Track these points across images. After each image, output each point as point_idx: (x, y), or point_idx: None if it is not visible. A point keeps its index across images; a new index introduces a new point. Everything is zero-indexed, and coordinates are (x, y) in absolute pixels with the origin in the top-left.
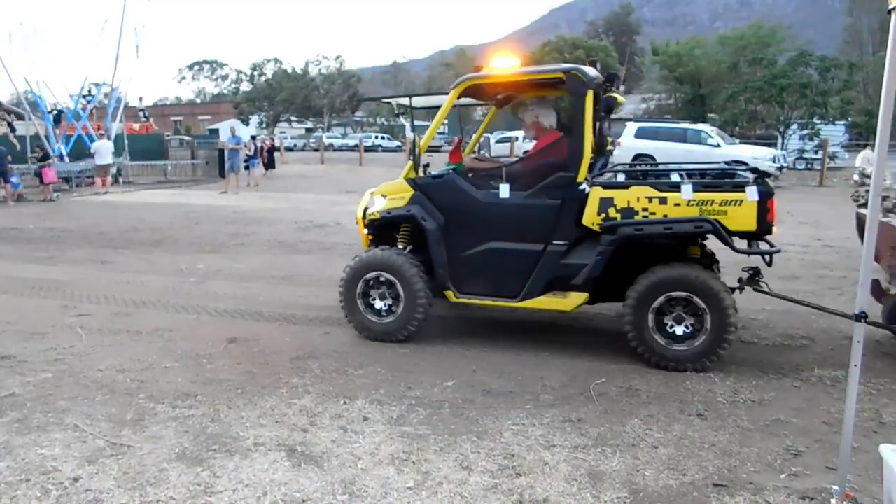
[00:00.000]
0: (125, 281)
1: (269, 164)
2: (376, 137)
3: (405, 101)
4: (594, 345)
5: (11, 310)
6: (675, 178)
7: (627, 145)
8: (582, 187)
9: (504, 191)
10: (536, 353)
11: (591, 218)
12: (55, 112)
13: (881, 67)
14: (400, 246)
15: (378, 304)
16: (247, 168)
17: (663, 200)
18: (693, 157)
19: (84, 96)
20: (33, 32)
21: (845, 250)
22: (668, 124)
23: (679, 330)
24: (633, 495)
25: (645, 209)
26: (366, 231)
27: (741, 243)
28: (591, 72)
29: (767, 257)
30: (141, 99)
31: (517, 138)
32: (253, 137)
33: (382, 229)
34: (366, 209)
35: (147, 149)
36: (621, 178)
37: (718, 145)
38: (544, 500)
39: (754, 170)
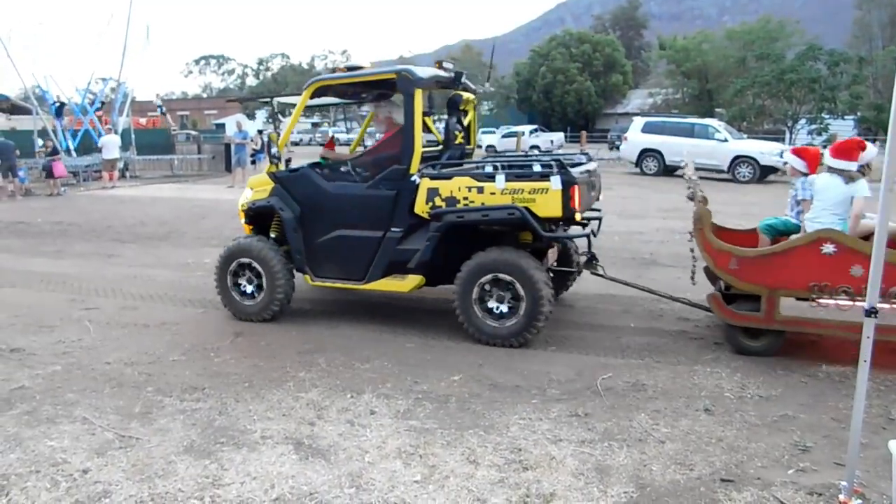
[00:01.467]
0: (132, 275)
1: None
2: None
3: (285, 99)
4: (601, 340)
5: (20, 303)
6: (489, 169)
7: (634, 140)
8: (413, 179)
9: (351, 182)
10: (543, 347)
11: (421, 207)
12: (58, 104)
13: (891, 62)
14: (273, 234)
15: (246, 288)
16: (253, 162)
17: (480, 190)
18: (700, 152)
19: (91, 93)
20: (39, 28)
21: None
22: (675, 119)
23: (500, 308)
24: (639, 490)
25: (465, 198)
26: (244, 221)
27: (587, 228)
28: (422, 72)
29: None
30: (158, 95)
31: (523, 133)
32: (259, 132)
33: (258, 219)
34: None
35: (154, 143)
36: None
37: (726, 140)
38: (551, 495)
39: (558, 161)
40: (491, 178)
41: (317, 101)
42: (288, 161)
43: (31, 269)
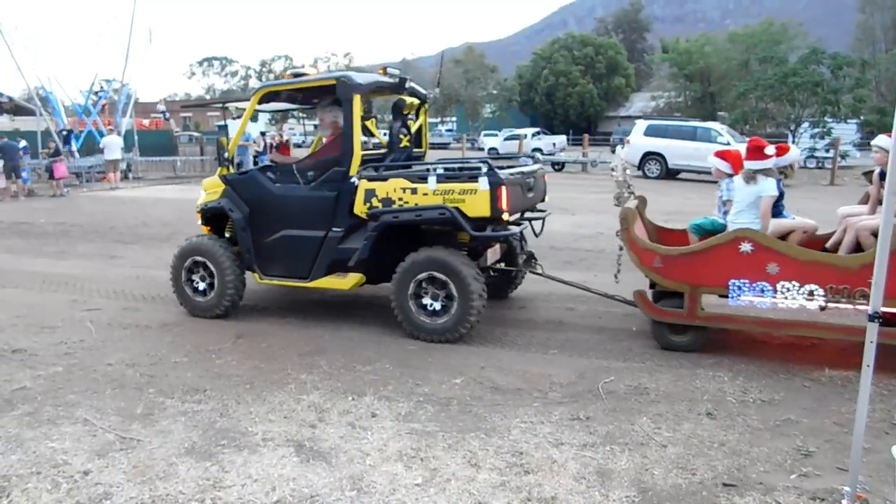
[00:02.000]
0: (134, 276)
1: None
2: (385, 134)
3: (241, 104)
4: (603, 343)
5: (22, 304)
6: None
7: (637, 143)
8: (352, 180)
9: (294, 184)
10: (544, 350)
11: (359, 207)
12: (65, 133)
13: (894, 65)
14: (227, 234)
15: (199, 285)
16: (255, 164)
17: (414, 191)
18: (703, 156)
19: (95, 93)
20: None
21: None
22: (678, 122)
23: (433, 306)
24: (641, 494)
25: (400, 199)
26: (200, 222)
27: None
28: (360, 78)
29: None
30: (163, 99)
31: (525, 136)
32: (262, 133)
33: (214, 220)
34: None
35: (156, 144)
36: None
37: (728, 143)
38: (552, 499)
39: (486, 163)
40: (424, 179)
41: (268, 105)
42: (239, 164)
43: (33, 270)
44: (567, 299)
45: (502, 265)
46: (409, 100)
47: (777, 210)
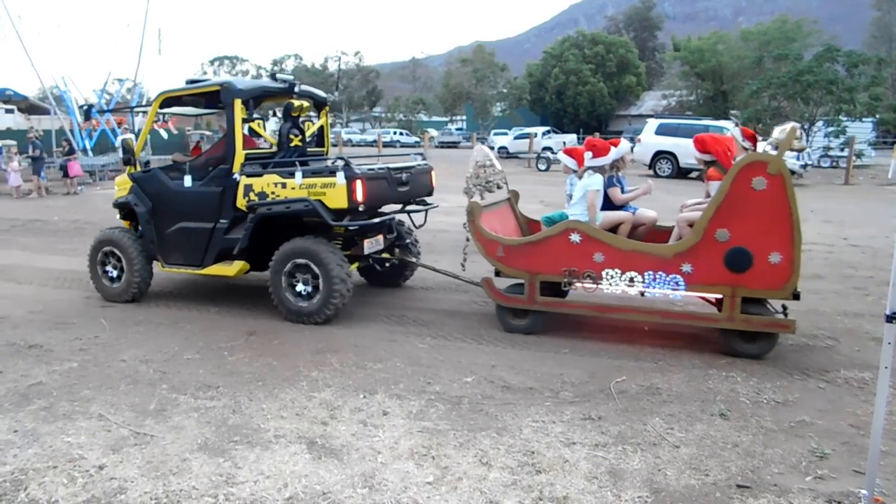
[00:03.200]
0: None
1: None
2: (395, 133)
3: (142, 109)
4: (614, 342)
5: (38, 300)
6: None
7: (648, 142)
8: (234, 177)
9: (188, 181)
10: (556, 349)
11: (240, 201)
12: (85, 107)
13: None
14: (141, 227)
15: (112, 273)
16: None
17: (284, 185)
18: None
19: (108, 93)
20: (58, 30)
21: (872, 250)
22: (689, 121)
23: (304, 290)
24: (654, 494)
25: (273, 192)
26: (119, 216)
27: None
28: (242, 84)
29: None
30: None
31: (535, 134)
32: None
33: (131, 214)
34: None
35: (169, 143)
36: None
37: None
38: (564, 498)
39: (344, 160)
40: (293, 175)
41: (176, 109)
42: (147, 163)
43: (48, 267)
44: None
45: (386, 255)
46: (297, 103)
47: (609, 203)
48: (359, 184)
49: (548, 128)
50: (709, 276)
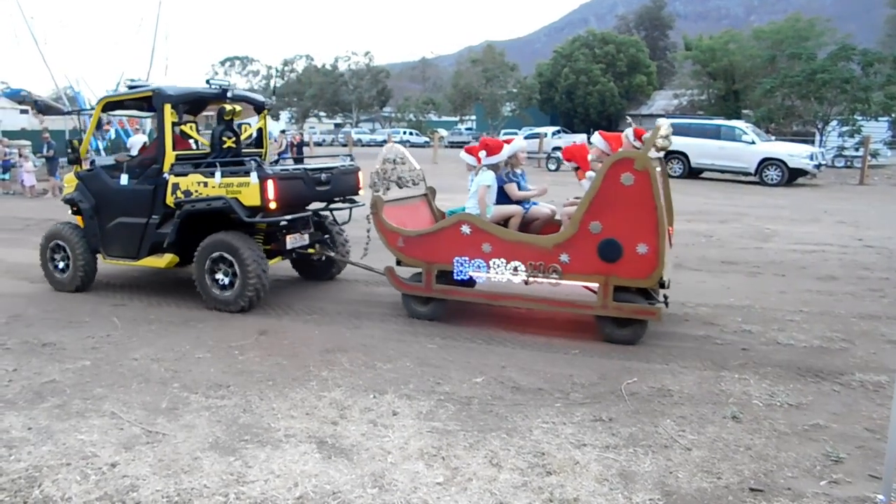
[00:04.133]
0: (158, 272)
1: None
2: (404, 133)
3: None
4: (625, 343)
5: (51, 299)
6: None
7: None
8: (164, 176)
9: (124, 179)
10: (566, 350)
11: (169, 198)
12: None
13: None
14: (85, 222)
15: (60, 265)
16: (276, 163)
17: (206, 184)
18: (727, 154)
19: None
20: (64, 29)
21: (887, 251)
22: (701, 121)
23: (223, 280)
24: (665, 497)
25: (196, 191)
26: (70, 212)
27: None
28: (172, 90)
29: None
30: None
31: (545, 134)
32: (283, 132)
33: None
34: None
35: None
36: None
37: (753, 142)
38: (575, 500)
39: (256, 161)
40: (213, 174)
41: (119, 112)
42: (92, 162)
43: None
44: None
45: (311, 250)
46: (230, 107)
47: (505, 198)
48: (270, 183)
49: (558, 128)
50: (584, 266)
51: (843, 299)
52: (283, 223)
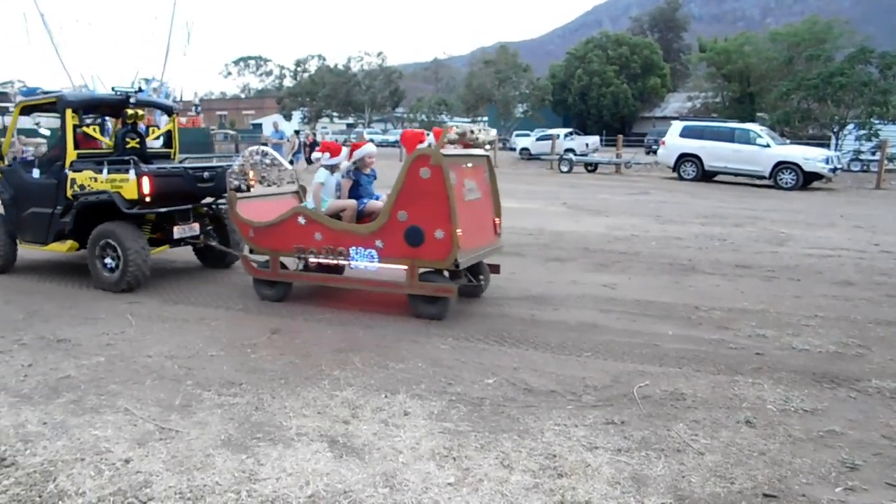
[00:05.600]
0: (172, 270)
1: (311, 159)
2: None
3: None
4: (637, 346)
5: (67, 296)
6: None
7: (672, 144)
8: (65, 172)
9: (36, 174)
10: (578, 352)
11: (69, 191)
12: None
13: None
14: (6, 211)
15: None
16: (291, 162)
17: (96, 179)
18: (741, 158)
19: (137, 91)
20: (88, 28)
21: None
22: (715, 123)
23: (110, 264)
24: (678, 501)
25: (89, 185)
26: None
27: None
28: (73, 95)
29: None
30: (196, 94)
31: (558, 136)
32: (296, 132)
33: None
34: None
35: (194, 142)
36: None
37: (768, 145)
38: (586, 503)
39: (134, 159)
40: (101, 171)
41: (38, 116)
42: (14, 159)
43: (76, 264)
44: (601, 301)
45: (201, 239)
46: (132, 112)
47: (356, 195)
48: (146, 179)
49: (570, 129)
50: (395, 251)
51: (860, 304)
52: (158, 214)
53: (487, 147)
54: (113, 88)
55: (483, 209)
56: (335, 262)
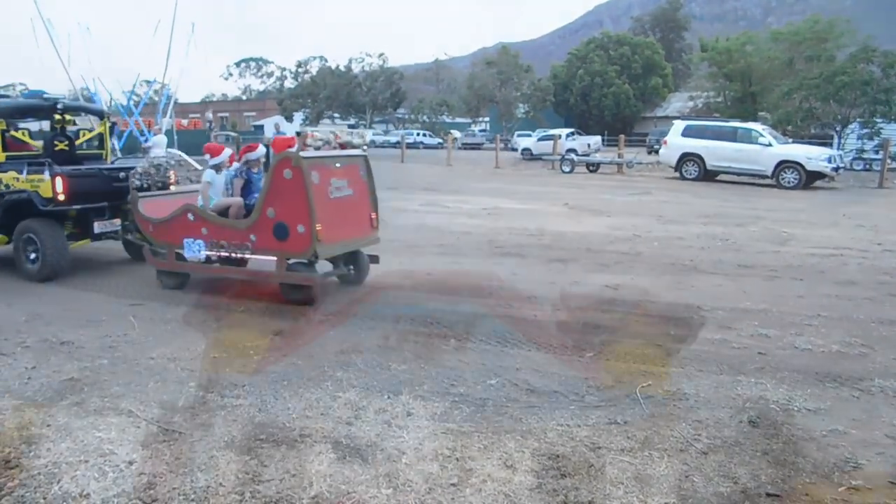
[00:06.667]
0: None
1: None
2: (418, 134)
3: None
4: (640, 346)
5: (70, 298)
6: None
7: (674, 144)
8: None
9: None
10: (580, 353)
11: None
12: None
13: None
14: None
15: None
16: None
17: (18, 179)
18: (743, 157)
19: (136, 95)
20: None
21: None
22: (717, 123)
23: (32, 256)
24: (682, 501)
25: (12, 185)
26: None
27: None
28: (2, 103)
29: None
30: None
31: (560, 136)
32: (298, 133)
33: None
34: None
35: (196, 143)
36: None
37: (770, 145)
38: (589, 503)
39: (48, 161)
40: (23, 171)
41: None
42: None
43: (79, 266)
44: (603, 302)
45: (119, 232)
46: (59, 116)
47: (248, 191)
48: (59, 179)
49: (572, 129)
50: (266, 244)
51: (863, 304)
52: (78, 211)
53: (365, 148)
54: (43, 95)
55: (354, 205)
56: (217, 254)
